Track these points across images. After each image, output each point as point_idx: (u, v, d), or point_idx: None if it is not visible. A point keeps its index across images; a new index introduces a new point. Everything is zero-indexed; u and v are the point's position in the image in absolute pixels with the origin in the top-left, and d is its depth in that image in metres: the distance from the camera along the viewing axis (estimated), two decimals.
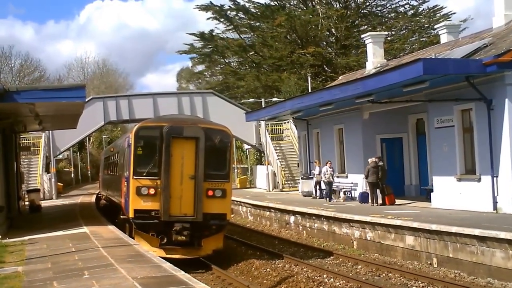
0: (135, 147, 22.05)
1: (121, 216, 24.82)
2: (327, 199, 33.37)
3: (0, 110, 24.74)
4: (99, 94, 72.23)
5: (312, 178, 39.41)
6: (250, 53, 74.88)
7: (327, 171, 33.54)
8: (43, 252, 18.81)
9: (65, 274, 14.79)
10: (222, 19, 74.33)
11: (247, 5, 72.95)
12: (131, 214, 21.89)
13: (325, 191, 34.30)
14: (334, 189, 34.39)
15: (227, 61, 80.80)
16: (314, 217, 28.74)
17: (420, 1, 69.53)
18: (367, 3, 72.14)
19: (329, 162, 34.13)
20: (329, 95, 30.53)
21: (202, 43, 77.26)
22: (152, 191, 21.66)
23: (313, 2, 72.09)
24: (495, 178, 23.11)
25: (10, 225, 27.71)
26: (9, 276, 15.03)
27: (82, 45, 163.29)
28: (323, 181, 34.07)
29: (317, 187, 36.95)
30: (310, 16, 69.66)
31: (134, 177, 21.84)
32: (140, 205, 21.73)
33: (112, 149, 33.51)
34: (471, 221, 20.55)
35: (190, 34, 77.93)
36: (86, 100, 37.69)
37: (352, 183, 33.58)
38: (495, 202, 23.19)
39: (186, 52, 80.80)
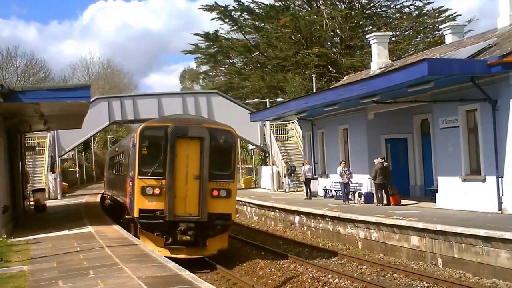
0: (140, 147, 22.07)
1: (126, 216, 24.86)
2: (345, 201, 32.11)
3: (6, 110, 24.80)
4: (103, 94, 72.41)
5: (315, 178, 39.51)
6: (255, 54, 74.95)
7: (342, 171, 32.15)
8: (48, 252, 18.84)
9: (70, 273, 14.81)
10: (226, 20, 74.42)
11: (251, 5, 73.06)
12: (136, 214, 21.91)
13: (341, 192, 33.42)
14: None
15: (231, 61, 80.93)
16: (318, 217, 28.74)
17: (425, 2, 69.50)
18: (372, 4, 72.13)
19: (344, 163, 32.87)
20: (334, 95, 30.53)
21: (206, 43, 77.35)
22: (157, 191, 21.68)
23: (318, 3, 72.10)
24: (500, 179, 23.08)
25: (15, 224, 27.79)
26: (14, 275, 15.06)
27: (85, 46, 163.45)
28: (339, 182, 32.90)
29: (306, 186, 37.25)
30: (315, 16, 69.69)
31: (139, 177, 21.87)
32: (145, 205, 21.76)
33: (117, 149, 33.56)
34: (476, 221, 20.53)
35: (194, 34, 78.13)
36: (91, 100, 37.73)
37: (357, 183, 33.52)
38: (500, 203, 23.16)
39: (191, 52, 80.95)
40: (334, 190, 35.89)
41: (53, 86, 43.64)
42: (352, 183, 32.61)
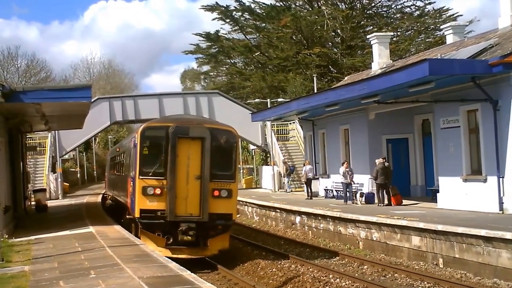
0: (141, 147, 22.09)
1: (127, 216, 24.87)
2: (346, 201, 31.99)
3: (7, 110, 24.83)
4: (105, 94, 72.38)
5: (316, 178, 39.51)
6: (256, 54, 74.92)
7: (345, 172, 31.97)
8: (49, 252, 18.85)
9: (72, 273, 14.82)
10: (227, 20, 74.40)
11: (252, 5, 73.06)
12: (137, 214, 21.93)
13: (342, 192, 33.28)
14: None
15: (232, 61, 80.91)
16: (319, 218, 28.74)
17: (426, 2, 69.49)
18: (373, 4, 72.11)
19: (346, 163, 32.78)
20: (335, 95, 30.54)
21: (207, 43, 77.35)
22: (158, 191, 21.70)
23: (319, 3, 72.09)
24: (501, 179, 23.08)
25: (17, 224, 27.79)
26: (15, 275, 15.07)
27: (86, 46, 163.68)
28: (342, 182, 32.73)
29: (308, 187, 37.28)
30: (316, 16, 69.67)
31: (140, 177, 21.89)
32: (146, 205, 21.78)
33: (118, 149, 33.57)
34: (477, 221, 20.53)
35: (195, 34, 78.08)
36: (92, 100, 37.73)
37: (358, 183, 33.52)
38: (501, 203, 23.16)
39: (192, 52, 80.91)
40: (335, 190, 35.89)
41: (54, 86, 43.66)
42: (354, 183, 32.56)
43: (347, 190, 32.35)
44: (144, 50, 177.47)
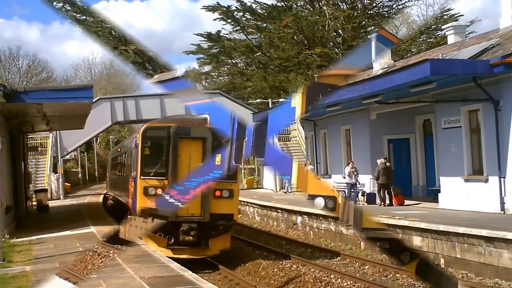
0: (142, 147, 22.08)
1: (129, 216, 24.87)
2: (355, 202, 31.23)
3: (8, 110, 24.85)
4: (106, 94, 72.41)
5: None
6: (257, 54, 74.84)
7: (351, 172, 31.69)
8: (50, 252, 18.88)
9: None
10: (229, 20, 74.36)
11: (253, 6, 73.02)
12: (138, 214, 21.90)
13: (345, 193, 33.31)
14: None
15: (234, 61, 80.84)
16: (321, 218, 28.72)
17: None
18: (374, 4, 72.07)
19: (352, 163, 32.40)
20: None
21: (209, 43, 77.31)
22: (159, 191, 21.68)
23: (320, 3, 72.04)
24: (502, 179, 23.07)
25: (18, 225, 27.82)
26: (16, 275, 15.11)
27: (88, 46, 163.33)
28: (346, 182, 32.28)
29: None
30: (317, 17, 69.61)
31: (141, 177, 21.87)
32: (148, 205, 21.76)
33: (119, 149, 33.58)
34: (479, 221, 20.51)
35: (197, 34, 77.99)
36: (93, 100, 37.78)
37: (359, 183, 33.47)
38: (502, 203, 23.15)
39: (193, 53, 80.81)
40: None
41: (55, 86, 43.84)
42: (359, 183, 32.43)
43: (351, 190, 32.28)
44: None
